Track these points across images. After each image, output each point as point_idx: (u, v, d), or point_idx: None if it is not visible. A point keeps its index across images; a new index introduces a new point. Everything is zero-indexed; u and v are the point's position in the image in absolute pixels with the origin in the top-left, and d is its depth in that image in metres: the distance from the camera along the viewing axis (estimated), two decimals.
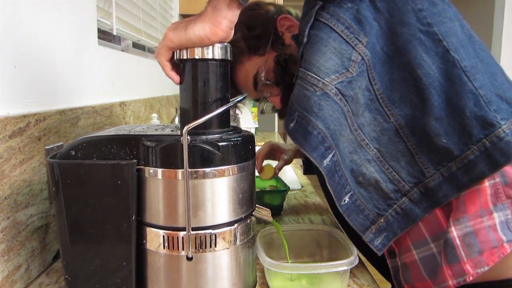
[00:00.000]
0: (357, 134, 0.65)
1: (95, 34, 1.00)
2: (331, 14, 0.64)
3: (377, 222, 0.66)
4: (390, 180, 0.65)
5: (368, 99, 0.64)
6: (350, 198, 0.66)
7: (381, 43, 0.63)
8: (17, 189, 0.65)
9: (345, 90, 0.63)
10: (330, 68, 0.63)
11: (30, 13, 0.71)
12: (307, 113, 0.65)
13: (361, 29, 0.63)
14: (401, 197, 0.65)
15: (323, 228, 0.78)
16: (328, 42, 0.63)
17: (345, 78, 0.63)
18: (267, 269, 0.66)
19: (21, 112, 0.66)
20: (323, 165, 0.65)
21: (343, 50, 0.63)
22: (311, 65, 0.64)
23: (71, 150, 0.55)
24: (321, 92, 0.63)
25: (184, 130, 0.51)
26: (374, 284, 0.69)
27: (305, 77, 0.65)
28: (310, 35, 0.66)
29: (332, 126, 0.64)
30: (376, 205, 0.66)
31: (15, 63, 0.66)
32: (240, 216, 0.57)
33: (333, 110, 0.64)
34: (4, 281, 0.62)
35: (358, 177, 0.66)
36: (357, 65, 0.63)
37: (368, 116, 0.65)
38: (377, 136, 0.65)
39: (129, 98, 1.22)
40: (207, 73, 0.56)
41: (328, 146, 0.64)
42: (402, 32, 0.62)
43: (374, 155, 0.65)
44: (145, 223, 0.56)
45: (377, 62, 0.63)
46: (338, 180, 0.65)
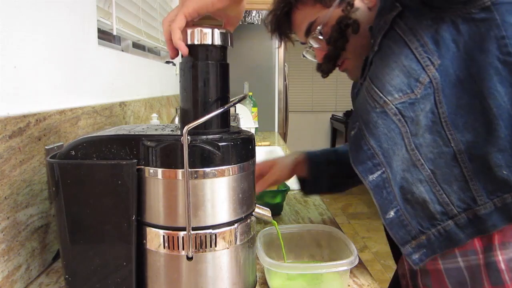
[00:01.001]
0: (413, 153, 0.65)
1: (95, 34, 1.00)
2: (409, 27, 0.62)
3: (418, 238, 0.66)
4: (439, 202, 0.65)
5: (431, 121, 0.63)
6: (395, 213, 0.66)
7: (455, 66, 0.61)
8: (17, 189, 0.65)
9: (405, 111, 0.63)
10: (395, 86, 0.62)
11: (30, 13, 0.71)
12: (364, 127, 0.66)
13: (436, 50, 0.61)
14: (447, 219, 0.65)
15: (323, 228, 0.78)
16: (399, 58, 0.62)
17: (408, 99, 0.62)
18: (267, 269, 0.66)
19: (21, 112, 0.66)
20: (368, 180, 0.66)
21: (413, 69, 0.62)
22: (377, 79, 0.64)
23: (71, 150, 0.55)
24: (381, 109, 0.64)
25: (184, 130, 0.51)
26: (374, 284, 0.69)
27: (369, 90, 0.65)
28: (383, 45, 0.64)
29: (385, 145, 0.64)
30: (420, 223, 0.66)
31: (15, 63, 0.66)
32: (240, 216, 0.57)
33: (389, 129, 0.64)
34: (4, 281, 0.62)
35: (406, 195, 0.66)
36: (423, 87, 0.62)
37: (428, 137, 0.64)
38: (434, 158, 0.64)
39: (129, 98, 1.22)
40: (208, 73, 0.56)
41: (377, 163, 0.65)
42: (480, 59, 0.60)
43: (427, 176, 0.65)
44: (145, 223, 0.56)
45: (446, 85, 0.62)
46: (386, 196, 0.66)
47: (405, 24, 0.62)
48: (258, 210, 0.62)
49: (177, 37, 0.53)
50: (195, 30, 0.54)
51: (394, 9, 0.63)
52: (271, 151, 1.97)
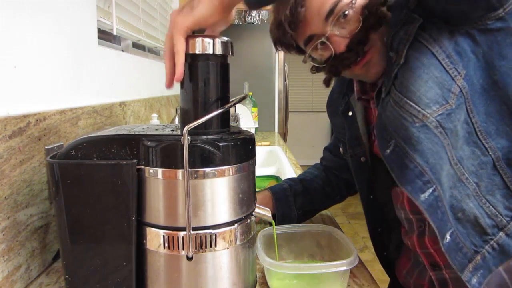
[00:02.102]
0: (457, 168, 0.63)
1: (95, 34, 1.00)
2: (434, 39, 0.61)
3: (474, 260, 0.64)
4: (488, 215, 0.63)
5: (467, 132, 0.62)
6: (451, 235, 0.64)
7: (477, 76, 0.61)
8: (17, 189, 0.65)
9: (445, 122, 0.61)
10: (431, 98, 0.61)
11: (31, 13, 0.71)
12: (405, 144, 0.63)
13: (460, 61, 0.61)
14: (497, 232, 0.64)
15: (323, 228, 0.78)
16: (430, 70, 0.61)
17: (445, 110, 0.61)
18: (267, 269, 0.66)
19: (21, 112, 0.66)
20: (420, 199, 0.63)
21: (444, 80, 0.61)
22: (410, 92, 0.62)
23: (71, 150, 0.55)
24: (421, 124, 0.61)
25: (184, 130, 0.51)
26: (374, 284, 0.69)
27: (402, 105, 0.62)
28: (409, 57, 0.62)
29: (432, 160, 0.62)
30: (473, 242, 0.64)
31: (15, 63, 0.66)
32: (240, 216, 0.57)
33: (433, 143, 0.61)
34: (4, 281, 0.62)
35: (457, 213, 0.64)
36: (456, 97, 0.61)
37: (466, 149, 0.63)
38: (476, 170, 0.63)
39: (129, 98, 1.22)
40: (208, 73, 0.56)
41: (427, 181, 0.63)
42: (500, 65, 0.60)
43: (473, 190, 0.63)
44: (145, 223, 0.56)
45: (473, 95, 0.62)
46: (441, 217, 0.63)
47: (430, 36, 0.61)
48: (258, 210, 0.62)
49: (181, 61, 0.53)
50: (196, 40, 0.54)
51: (415, 20, 0.61)
52: (271, 151, 1.97)
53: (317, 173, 1.01)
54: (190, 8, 0.53)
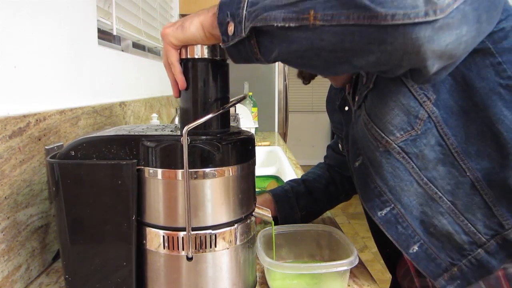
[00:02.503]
0: (428, 187, 0.64)
1: (95, 34, 1.00)
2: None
3: (450, 271, 0.65)
4: (465, 232, 0.64)
5: (441, 153, 0.63)
6: (419, 247, 0.66)
7: (455, 98, 0.61)
8: (17, 189, 0.65)
9: (408, 148, 0.63)
10: (396, 125, 0.63)
11: (31, 13, 0.71)
12: (369, 165, 0.67)
13: (431, 86, 0.61)
14: (476, 248, 0.64)
15: (323, 228, 0.78)
16: (397, 98, 0.62)
17: (409, 136, 0.63)
18: (267, 269, 0.66)
19: (21, 112, 0.66)
20: (377, 215, 0.67)
21: (411, 107, 0.62)
22: (377, 118, 0.64)
23: (71, 150, 0.55)
24: (384, 149, 0.64)
25: (184, 130, 0.51)
26: (374, 284, 0.69)
27: (369, 128, 0.66)
28: (378, 83, 0.64)
29: (391, 183, 0.65)
30: (449, 255, 0.65)
31: (15, 63, 0.66)
32: (240, 216, 0.57)
33: (393, 167, 0.64)
34: (4, 281, 0.62)
35: (429, 228, 0.66)
36: (422, 123, 0.62)
37: (442, 169, 0.63)
38: (452, 189, 0.64)
39: (129, 98, 1.22)
40: (207, 73, 0.56)
41: (385, 200, 0.67)
42: (480, 87, 0.60)
43: (448, 208, 0.64)
44: (145, 223, 0.56)
45: (449, 117, 0.62)
46: (402, 231, 0.66)
47: None
48: (258, 210, 0.62)
49: (177, 70, 0.56)
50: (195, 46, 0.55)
51: None
52: (271, 151, 1.97)
53: (320, 173, 1.00)
54: (181, 27, 0.53)
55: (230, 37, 0.50)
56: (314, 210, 0.95)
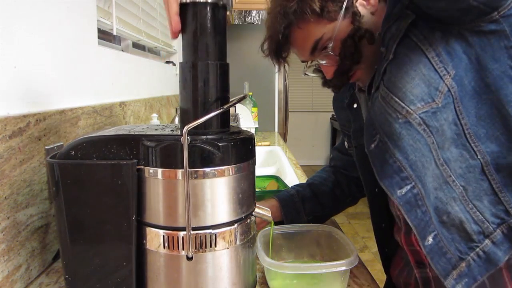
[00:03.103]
0: (443, 169, 0.62)
1: (95, 34, 1.00)
2: (425, 36, 0.60)
3: (459, 267, 0.63)
4: (475, 221, 0.62)
5: (455, 133, 0.61)
6: (433, 238, 0.63)
7: (469, 78, 0.60)
8: (17, 189, 0.65)
9: (429, 120, 0.61)
10: (416, 95, 0.61)
11: (30, 13, 0.71)
12: (387, 140, 0.63)
13: (450, 61, 0.60)
14: (483, 239, 0.62)
15: (323, 228, 0.78)
16: (418, 67, 0.61)
17: (430, 108, 0.61)
18: (267, 269, 0.66)
19: (21, 112, 0.67)
20: (396, 194, 0.63)
21: (432, 78, 0.60)
22: (396, 88, 0.62)
23: (71, 150, 0.55)
24: (404, 120, 0.61)
25: (184, 130, 0.51)
26: (374, 284, 0.69)
27: (388, 100, 0.63)
28: (398, 53, 0.62)
29: (412, 157, 0.62)
30: (458, 248, 0.63)
31: (15, 63, 0.66)
32: (240, 216, 0.57)
33: (415, 140, 0.61)
34: (4, 281, 0.62)
35: (442, 216, 0.63)
36: (443, 96, 0.60)
37: (454, 151, 0.62)
38: (463, 173, 0.62)
39: (129, 98, 1.22)
40: (207, 73, 0.56)
41: (405, 177, 0.62)
42: (493, 68, 0.59)
43: (460, 193, 0.62)
44: (145, 223, 0.56)
45: (464, 96, 0.61)
46: (422, 217, 0.63)
47: (421, 33, 0.61)
48: (258, 210, 0.62)
49: (174, 11, 0.54)
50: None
51: (407, 16, 0.61)
52: (271, 151, 1.97)
53: (326, 176, 1.00)
54: None
55: None
56: (321, 214, 0.94)
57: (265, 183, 1.17)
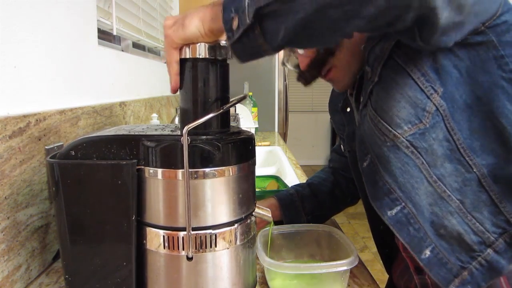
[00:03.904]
0: (437, 186, 0.62)
1: (95, 34, 1.00)
2: (410, 57, 0.60)
3: (461, 275, 0.63)
4: (474, 232, 0.63)
5: (448, 149, 0.62)
6: (431, 251, 0.64)
7: (460, 92, 0.60)
8: (17, 189, 0.65)
9: (417, 142, 0.61)
10: (403, 118, 0.61)
11: (31, 13, 0.71)
12: (378, 162, 0.65)
13: (438, 78, 0.60)
14: (485, 248, 0.63)
15: (323, 228, 0.78)
16: (404, 90, 0.61)
17: (418, 129, 0.61)
18: (267, 269, 0.66)
19: (21, 112, 0.66)
20: (387, 215, 0.65)
21: (418, 99, 0.60)
22: (383, 112, 0.63)
23: (71, 150, 0.55)
24: (391, 143, 0.62)
25: (184, 130, 0.51)
26: (374, 284, 0.69)
27: (376, 123, 0.64)
28: (384, 75, 0.63)
29: (401, 179, 0.63)
30: (459, 258, 0.64)
31: (15, 63, 0.66)
32: (240, 216, 0.57)
33: (403, 163, 0.62)
34: (4, 281, 0.62)
35: (439, 230, 0.64)
36: (431, 116, 0.61)
37: (448, 167, 0.62)
38: (459, 187, 0.62)
39: (129, 98, 1.22)
40: (207, 73, 0.56)
41: (395, 198, 0.64)
42: (484, 81, 0.59)
43: (457, 207, 0.62)
44: (145, 223, 0.56)
45: (455, 111, 0.61)
46: (415, 233, 0.64)
47: (405, 54, 0.61)
48: (258, 210, 0.62)
49: (174, 71, 0.56)
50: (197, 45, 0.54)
51: (390, 38, 0.61)
52: (271, 151, 1.97)
53: (325, 177, 1.00)
54: (181, 25, 0.53)
55: (235, 31, 0.49)
56: (320, 214, 0.95)
57: (265, 183, 1.17)
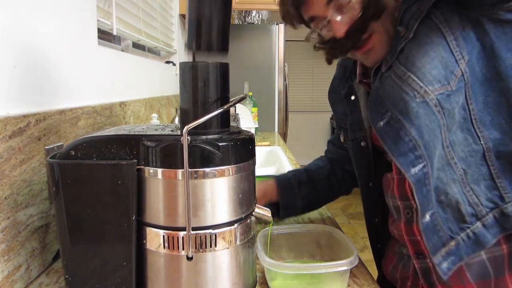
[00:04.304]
0: (448, 151, 0.63)
1: (95, 34, 1.00)
2: (446, 18, 0.61)
3: (448, 245, 0.65)
4: (469, 203, 0.64)
5: (462, 117, 0.63)
6: (430, 216, 0.64)
7: (480, 65, 0.61)
8: (17, 189, 0.65)
9: (444, 102, 0.61)
10: (434, 76, 0.61)
11: (30, 13, 0.71)
12: (402, 118, 0.63)
13: (465, 46, 0.61)
14: (475, 221, 0.64)
15: (323, 228, 0.78)
16: (438, 49, 0.61)
17: (446, 90, 0.61)
18: (267, 269, 0.66)
19: (21, 112, 0.66)
20: (410, 173, 0.63)
21: (449, 61, 0.61)
22: (415, 67, 0.62)
23: (71, 150, 0.55)
24: (421, 100, 0.61)
25: (184, 130, 0.51)
26: (374, 284, 0.69)
27: (405, 79, 0.62)
28: (419, 32, 0.62)
29: (426, 137, 0.62)
30: (450, 228, 0.65)
31: (15, 63, 0.66)
32: (240, 216, 0.57)
33: (430, 120, 0.62)
34: (4, 281, 0.62)
35: (440, 196, 0.65)
36: (457, 80, 0.61)
37: (460, 135, 0.63)
38: (465, 157, 0.63)
39: (129, 98, 1.22)
40: (207, 73, 0.56)
41: (419, 155, 0.63)
42: (506, 57, 0.60)
43: (460, 176, 0.63)
44: (145, 223, 0.56)
45: (474, 82, 0.62)
46: (426, 194, 0.64)
47: (442, 15, 0.61)
48: (258, 210, 0.62)
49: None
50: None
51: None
52: (271, 151, 1.97)
53: (322, 165, 1.01)
54: None
55: None
56: (315, 200, 0.96)
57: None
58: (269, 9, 2.67)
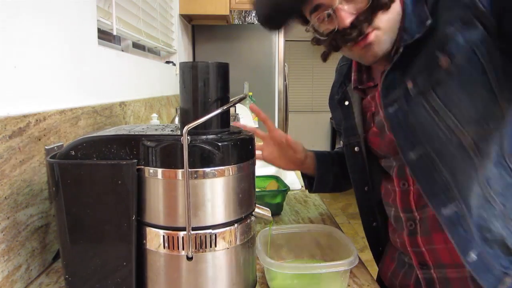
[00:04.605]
0: (485, 188, 0.62)
1: (95, 34, 1.00)
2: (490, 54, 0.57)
3: (505, 282, 0.63)
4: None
5: (497, 154, 0.62)
6: (478, 256, 0.63)
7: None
8: (17, 189, 0.65)
9: (481, 143, 0.60)
10: (472, 117, 0.59)
11: (30, 13, 0.71)
12: (436, 157, 0.63)
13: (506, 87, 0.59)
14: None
15: (323, 228, 0.78)
16: (477, 86, 0.59)
17: (484, 132, 0.60)
18: (267, 269, 0.66)
19: (21, 112, 0.66)
20: (441, 213, 0.63)
21: (490, 101, 0.59)
22: (454, 106, 0.60)
23: (71, 150, 0.55)
24: (457, 142, 0.60)
25: (184, 130, 0.51)
26: (374, 284, 0.69)
27: (442, 115, 0.61)
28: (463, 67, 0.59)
29: (460, 178, 0.61)
30: (501, 264, 0.63)
31: (15, 63, 0.66)
32: (240, 216, 0.57)
33: (465, 162, 0.61)
34: (4, 281, 0.62)
35: (485, 233, 0.63)
36: (496, 121, 0.60)
37: (495, 171, 0.62)
38: (502, 192, 0.63)
39: (129, 98, 1.22)
40: (207, 73, 0.56)
41: (451, 197, 0.62)
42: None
43: (500, 211, 0.63)
44: (145, 223, 0.56)
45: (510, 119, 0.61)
46: (463, 234, 0.63)
47: (487, 50, 0.58)
48: (258, 210, 0.62)
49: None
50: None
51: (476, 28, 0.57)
52: None
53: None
54: None
55: None
56: (340, 182, 0.97)
57: (265, 183, 1.17)
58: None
